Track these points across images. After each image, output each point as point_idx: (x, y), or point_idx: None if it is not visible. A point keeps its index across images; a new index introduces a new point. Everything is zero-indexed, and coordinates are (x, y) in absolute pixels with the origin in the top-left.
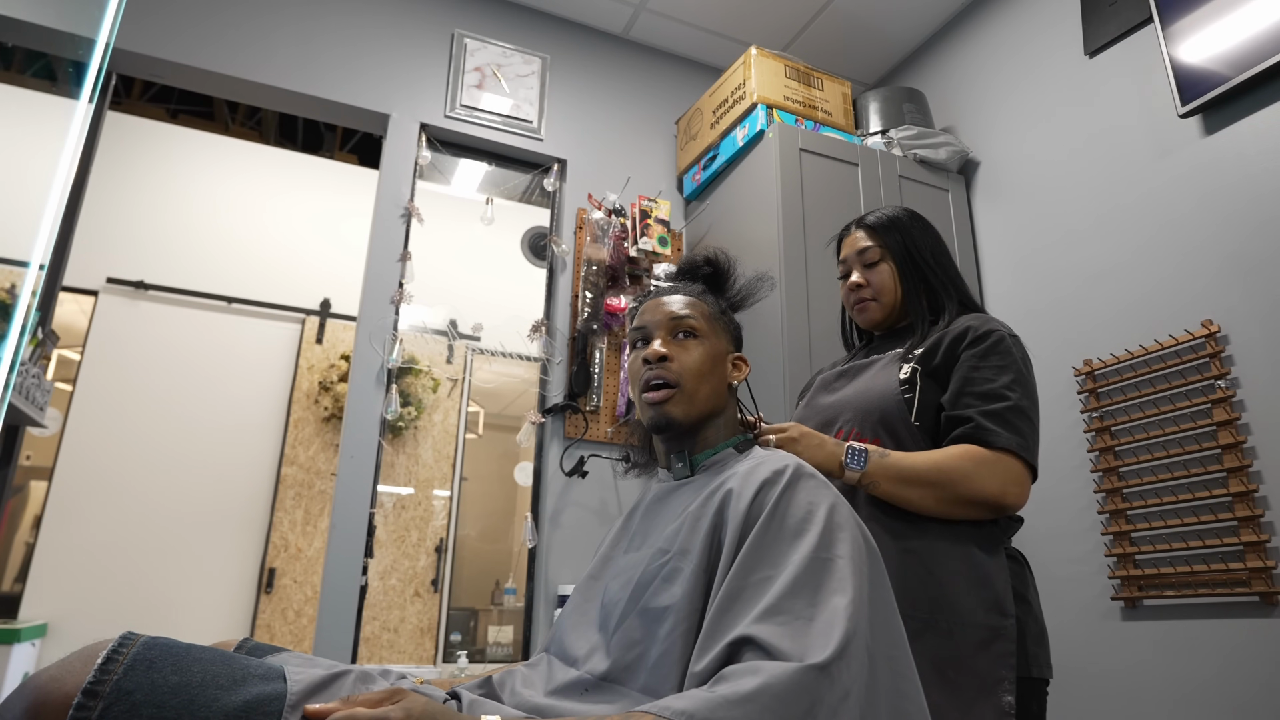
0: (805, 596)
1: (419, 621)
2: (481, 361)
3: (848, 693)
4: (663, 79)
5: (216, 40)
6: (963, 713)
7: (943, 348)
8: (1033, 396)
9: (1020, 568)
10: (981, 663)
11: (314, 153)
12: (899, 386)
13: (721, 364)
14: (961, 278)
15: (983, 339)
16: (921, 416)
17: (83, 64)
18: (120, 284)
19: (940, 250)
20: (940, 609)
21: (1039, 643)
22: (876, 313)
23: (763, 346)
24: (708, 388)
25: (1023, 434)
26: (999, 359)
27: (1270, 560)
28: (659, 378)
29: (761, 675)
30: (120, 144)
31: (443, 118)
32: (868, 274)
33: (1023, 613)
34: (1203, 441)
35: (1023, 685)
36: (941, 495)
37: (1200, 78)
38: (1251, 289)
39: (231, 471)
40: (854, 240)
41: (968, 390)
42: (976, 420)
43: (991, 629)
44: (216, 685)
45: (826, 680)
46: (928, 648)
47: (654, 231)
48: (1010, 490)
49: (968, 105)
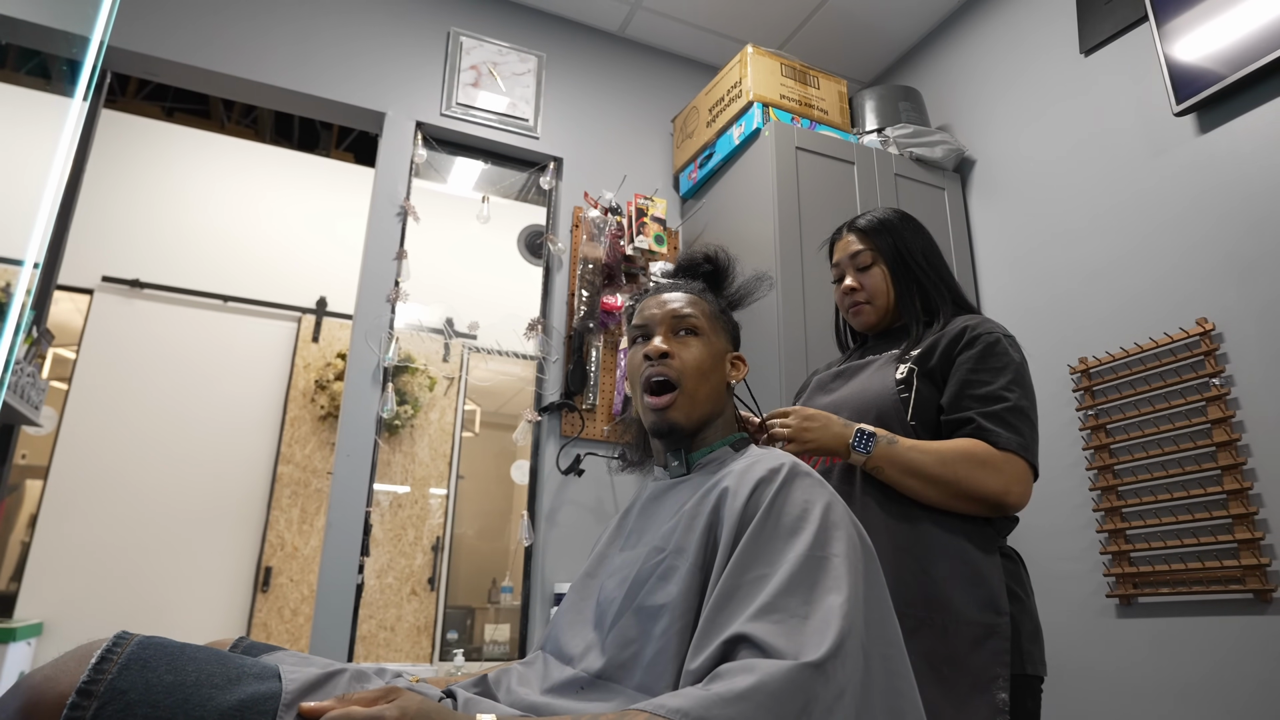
0: (800, 594)
1: (415, 620)
2: (478, 360)
3: (842, 691)
4: (659, 77)
5: (212, 38)
6: (958, 710)
7: (939, 349)
8: (1031, 396)
9: (1015, 566)
10: (976, 660)
11: (310, 151)
12: (895, 386)
13: (721, 363)
14: (954, 278)
15: (979, 340)
16: (918, 416)
17: (77, 62)
18: (115, 282)
19: (932, 251)
20: (935, 607)
21: (1034, 640)
22: (871, 315)
23: (759, 346)
24: (708, 387)
25: (1023, 434)
26: (996, 360)
27: (1264, 558)
28: (660, 374)
29: (756, 673)
30: (116, 142)
31: (439, 116)
32: (861, 277)
33: (1017, 610)
34: (1197, 439)
35: (1017, 683)
36: (945, 489)
37: (1195, 76)
38: (1246, 287)
39: (227, 470)
40: (846, 244)
41: (967, 393)
42: (977, 422)
43: (986, 627)
44: (211, 684)
45: (821, 678)
46: (922, 645)
47: (650, 230)
48: (1014, 490)
49: (963, 104)
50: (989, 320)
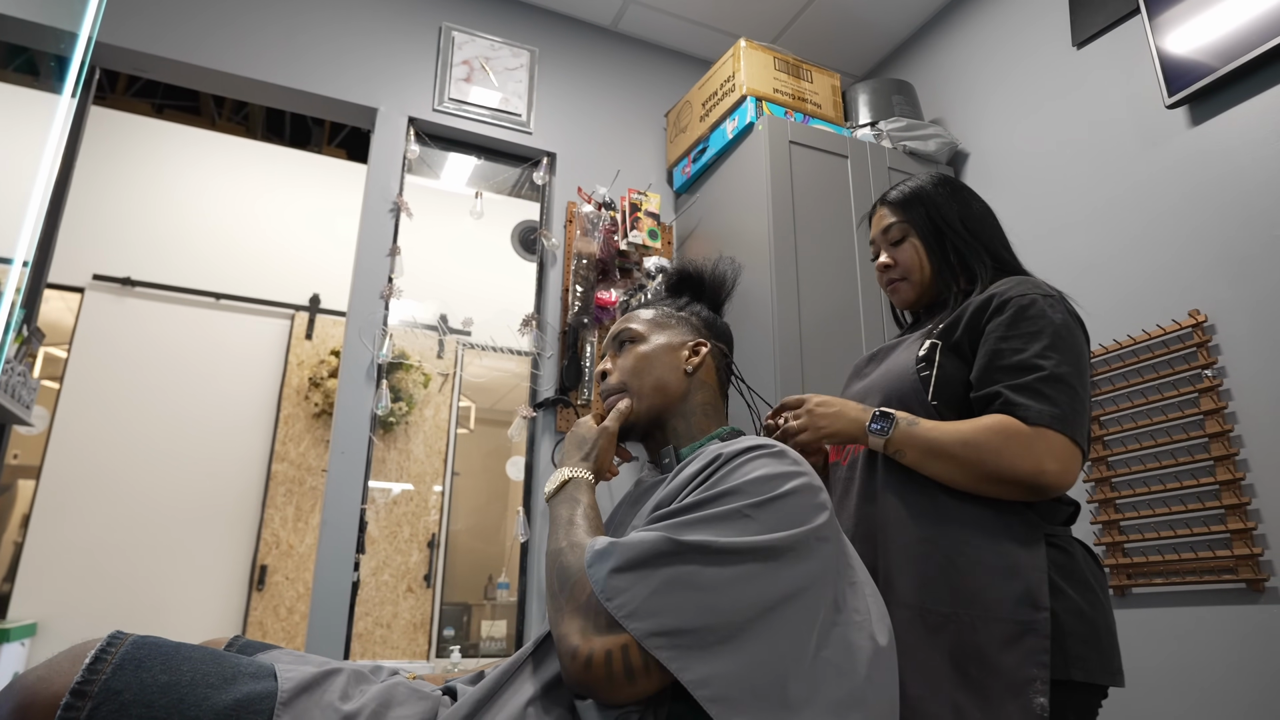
0: (717, 520)
1: (412, 617)
2: (472, 356)
3: (718, 585)
4: (652, 72)
5: (202, 34)
6: (988, 714)
7: (965, 319)
8: (1075, 361)
9: (1066, 557)
10: (1009, 660)
11: (302, 147)
12: (915, 365)
13: (667, 354)
14: (1000, 240)
15: (1009, 305)
16: (940, 394)
17: (65, 58)
18: (107, 280)
19: (971, 215)
20: (962, 601)
21: (1086, 642)
22: (908, 292)
23: (753, 339)
24: (651, 379)
25: (1059, 405)
26: (1029, 325)
27: (1256, 547)
28: (605, 391)
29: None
30: (106, 139)
31: (431, 111)
32: (894, 253)
33: (1061, 607)
34: (1190, 430)
35: (1059, 689)
36: (971, 471)
37: (1187, 68)
38: (1238, 279)
39: (222, 468)
40: (879, 218)
41: (995, 364)
42: (1005, 395)
43: (1021, 623)
44: (206, 684)
45: (675, 549)
46: (946, 643)
47: (644, 225)
48: (1049, 469)
49: (957, 97)
50: (1029, 280)
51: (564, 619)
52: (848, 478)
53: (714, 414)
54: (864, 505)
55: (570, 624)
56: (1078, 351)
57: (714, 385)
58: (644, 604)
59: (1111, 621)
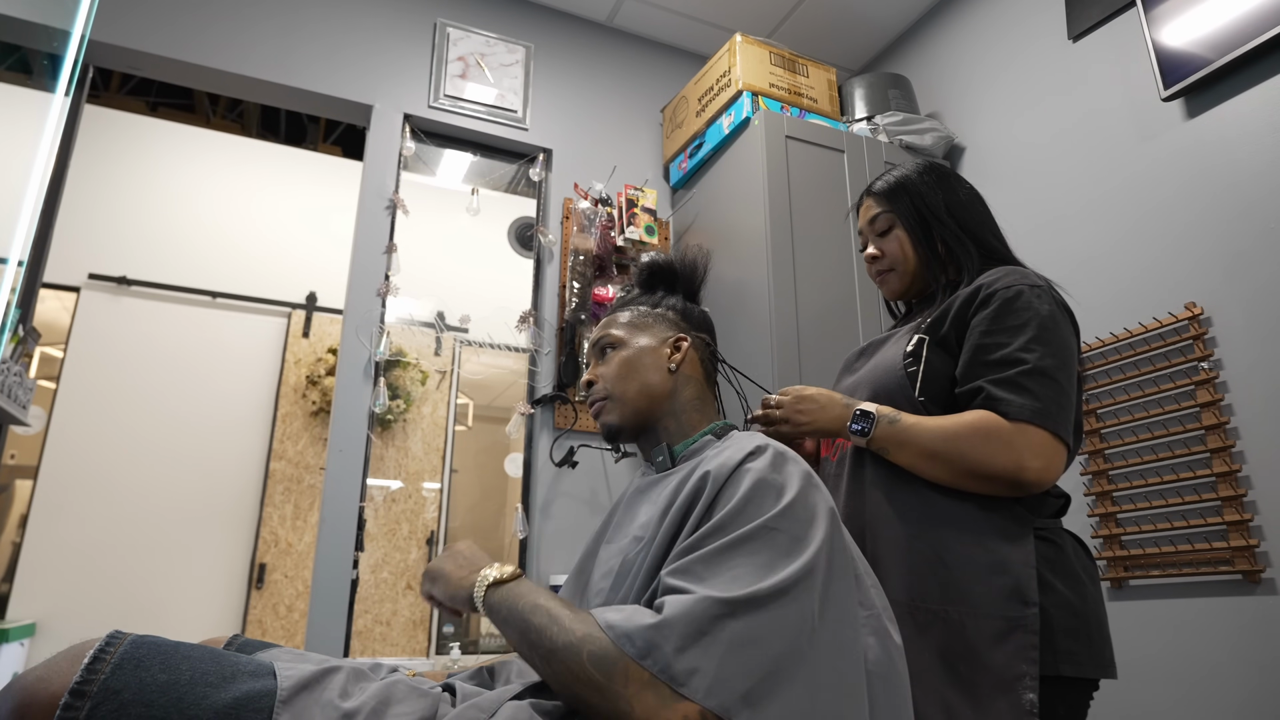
0: (740, 551)
1: (411, 614)
2: (470, 353)
3: (758, 638)
4: (648, 67)
5: (196, 32)
6: (978, 712)
7: (952, 312)
8: (1061, 354)
9: (1055, 551)
10: (998, 657)
11: (297, 145)
12: (903, 360)
13: (649, 355)
14: (989, 229)
15: (994, 297)
16: (927, 390)
17: (58, 57)
18: (102, 280)
19: (957, 202)
20: (951, 599)
21: (1075, 637)
22: (896, 283)
23: (750, 334)
24: (635, 384)
25: (1041, 399)
26: (1014, 318)
27: (1253, 539)
28: (592, 399)
29: (665, 608)
30: (100, 138)
31: (426, 108)
32: (881, 243)
33: (1050, 602)
34: (1187, 423)
35: (1048, 685)
36: (952, 468)
37: (1182, 61)
38: (1234, 271)
39: (220, 467)
40: (865, 209)
41: (979, 359)
42: (987, 390)
43: (1009, 620)
44: (205, 683)
45: (727, 610)
46: (935, 641)
47: (641, 220)
48: (1030, 465)
49: (953, 91)
50: (1017, 270)
51: (627, 705)
52: (836, 473)
53: (704, 407)
54: (851, 501)
55: (639, 706)
56: (1063, 343)
57: (700, 378)
58: (716, 678)
59: (1102, 613)
